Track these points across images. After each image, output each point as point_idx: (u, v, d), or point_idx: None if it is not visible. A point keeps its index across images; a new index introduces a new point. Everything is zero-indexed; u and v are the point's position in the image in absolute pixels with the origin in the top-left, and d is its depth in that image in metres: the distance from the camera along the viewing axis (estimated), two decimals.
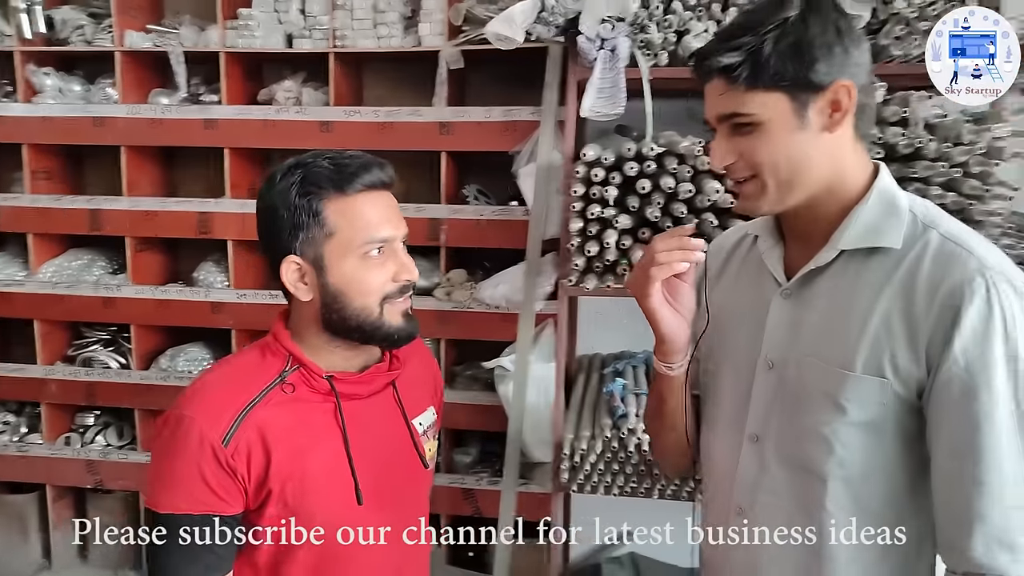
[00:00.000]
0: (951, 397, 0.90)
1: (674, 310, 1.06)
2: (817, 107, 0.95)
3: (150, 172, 2.96)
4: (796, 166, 0.96)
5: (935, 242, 0.95)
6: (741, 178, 1.00)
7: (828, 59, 0.93)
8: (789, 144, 0.95)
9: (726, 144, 0.99)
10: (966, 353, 0.89)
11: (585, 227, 2.16)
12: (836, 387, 0.96)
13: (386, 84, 2.98)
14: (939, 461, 0.93)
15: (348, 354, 1.12)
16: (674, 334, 1.07)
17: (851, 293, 0.98)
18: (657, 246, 1.02)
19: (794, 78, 0.92)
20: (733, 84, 0.94)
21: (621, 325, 2.95)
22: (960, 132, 1.93)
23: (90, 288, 2.85)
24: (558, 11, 2.17)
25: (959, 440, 0.90)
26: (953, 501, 0.92)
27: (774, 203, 1.00)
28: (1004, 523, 0.89)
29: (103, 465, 2.93)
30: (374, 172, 1.06)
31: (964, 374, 0.89)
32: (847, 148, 0.99)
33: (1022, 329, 0.89)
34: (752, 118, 0.95)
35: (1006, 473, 0.88)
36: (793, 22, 0.92)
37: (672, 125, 2.48)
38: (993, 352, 0.89)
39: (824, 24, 0.93)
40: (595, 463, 2.24)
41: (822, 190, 0.99)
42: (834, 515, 0.99)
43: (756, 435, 1.06)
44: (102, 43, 2.79)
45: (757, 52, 0.92)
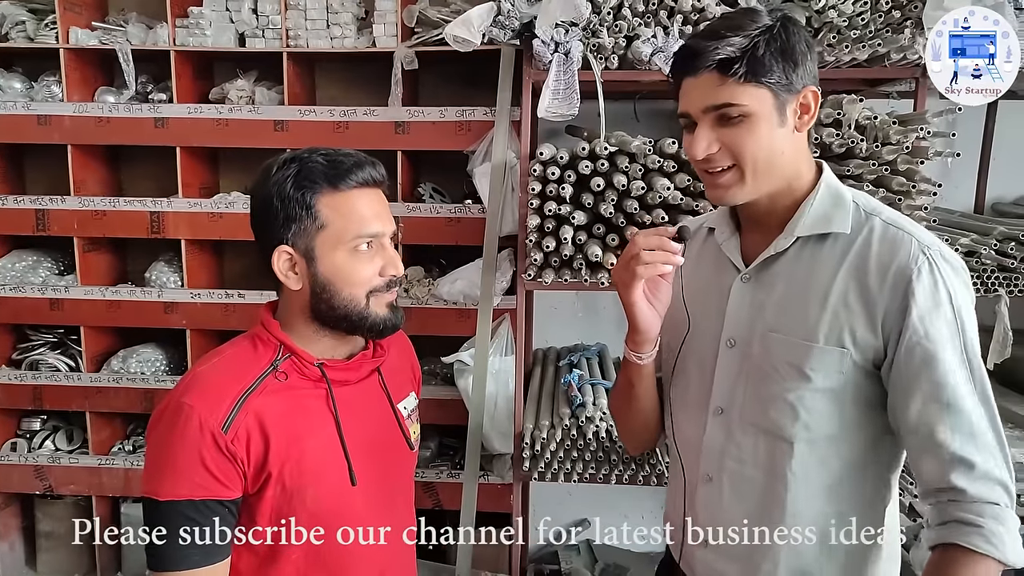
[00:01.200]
0: (914, 362, 1.02)
1: (651, 305, 1.15)
2: (792, 108, 1.06)
3: (97, 171, 2.91)
4: (772, 158, 1.07)
5: (879, 227, 1.08)
6: (719, 168, 1.09)
7: (804, 66, 1.05)
8: (770, 138, 1.06)
9: (710, 134, 1.07)
10: (923, 322, 1.02)
11: (542, 223, 2.24)
12: (802, 358, 1.07)
13: (339, 84, 3.00)
14: (911, 417, 1.04)
15: (335, 343, 1.17)
16: (648, 326, 1.16)
17: (809, 274, 1.09)
18: (640, 243, 1.11)
19: (779, 78, 1.03)
20: (730, 76, 1.03)
21: (576, 319, 3.06)
22: (888, 133, 2.08)
23: (36, 290, 2.79)
24: (514, 15, 2.24)
25: (928, 397, 1.02)
26: (928, 446, 1.03)
27: (749, 192, 1.10)
28: (968, 450, 1.01)
29: (53, 470, 2.87)
30: (367, 170, 1.11)
31: (924, 341, 1.02)
32: (804, 147, 1.12)
33: (959, 296, 1.03)
34: (743, 109, 1.04)
35: (968, 414, 1.01)
36: (778, 29, 1.04)
37: (620, 125, 2.59)
38: (943, 319, 1.02)
39: (800, 36, 1.06)
40: (555, 451, 2.32)
41: (784, 184, 1.10)
42: (799, 476, 1.10)
43: (721, 408, 1.17)
44: (45, 40, 2.73)
45: (752, 50, 1.02)
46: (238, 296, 2.76)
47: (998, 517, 1.00)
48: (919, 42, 2.09)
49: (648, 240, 1.11)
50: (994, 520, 0.99)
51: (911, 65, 2.18)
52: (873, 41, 2.12)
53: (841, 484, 1.11)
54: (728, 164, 1.08)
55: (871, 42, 2.12)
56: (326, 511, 1.12)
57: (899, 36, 2.09)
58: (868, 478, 1.12)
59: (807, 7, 2.16)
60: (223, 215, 2.72)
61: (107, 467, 2.86)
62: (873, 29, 2.15)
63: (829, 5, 2.13)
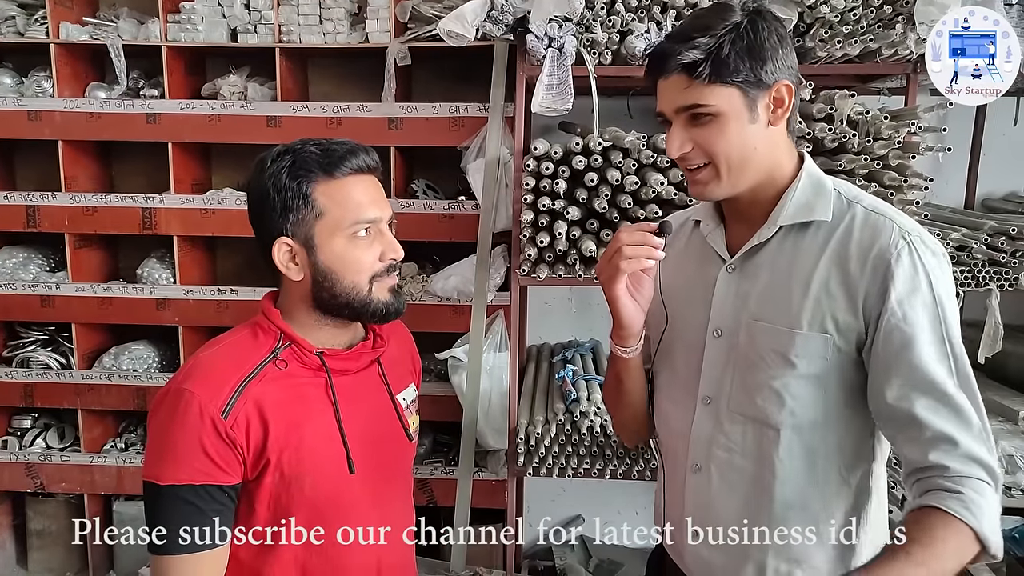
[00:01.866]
0: (893, 344, 1.03)
1: (634, 299, 1.17)
2: (763, 103, 1.07)
3: (88, 167, 2.89)
4: (746, 154, 1.08)
5: (860, 214, 1.09)
6: (695, 165, 1.11)
7: (774, 61, 1.05)
8: (741, 135, 1.07)
9: (683, 134, 1.09)
10: (901, 305, 1.02)
11: (536, 219, 2.25)
12: (786, 345, 1.08)
13: (332, 80, 2.99)
14: (890, 400, 1.04)
15: (336, 331, 1.18)
16: (632, 320, 1.18)
17: (792, 262, 1.11)
18: (623, 239, 1.12)
19: (747, 76, 1.04)
20: (695, 79, 1.04)
21: (569, 315, 3.06)
22: (879, 128, 2.10)
23: (27, 287, 2.78)
24: (507, 10, 2.24)
25: (906, 379, 1.02)
26: (908, 427, 1.03)
27: (726, 188, 1.11)
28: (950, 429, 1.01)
29: (44, 468, 2.85)
30: (360, 157, 1.12)
31: (903, 324, 1.02)
32: (782, 140, 1.13)
33: (939, 280, 1.04)
34: (711, 109, 1.05)
35: (949, 396, 1.01)
36: (745, 27, 1.04)
37: (614, 121, 2.59)
38: (923, 302, 1.02)
39: (769, 30, 1.06)
40: (549, 446, 2.33)
41: (764, 177, 1.11)
42: (786, 463, 1.11)
43: (709, 397, 1.17)
44: (35, 35, 2.71)
45: (717, 51, 1.03)
46: (231, 293, 2.75)
47: (979, 490, 0.99)
48: (910, 38, 2.10)
49: (631, 235, 1.12)
50: (975, 492, 0.98)
51: (902, 61, 2.20)
52: (865, 37, 2.13)
53: (828, 471, 1.11)
54: (703, 162, 1.10)
55: (863, 37, 2.13)
56: (324, 499, 1.12)
57: (890, 32, 2.10)
58: (855, 466, 1.12)
59: (800, 2, 2.17)
60: (215, 211, 2.71)
61: (99, 465, 2.84)
62: (864, 25, 2.16)
63: (821, 1, 2.14)
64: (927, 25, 2.07)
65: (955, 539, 0.97)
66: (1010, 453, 2.32)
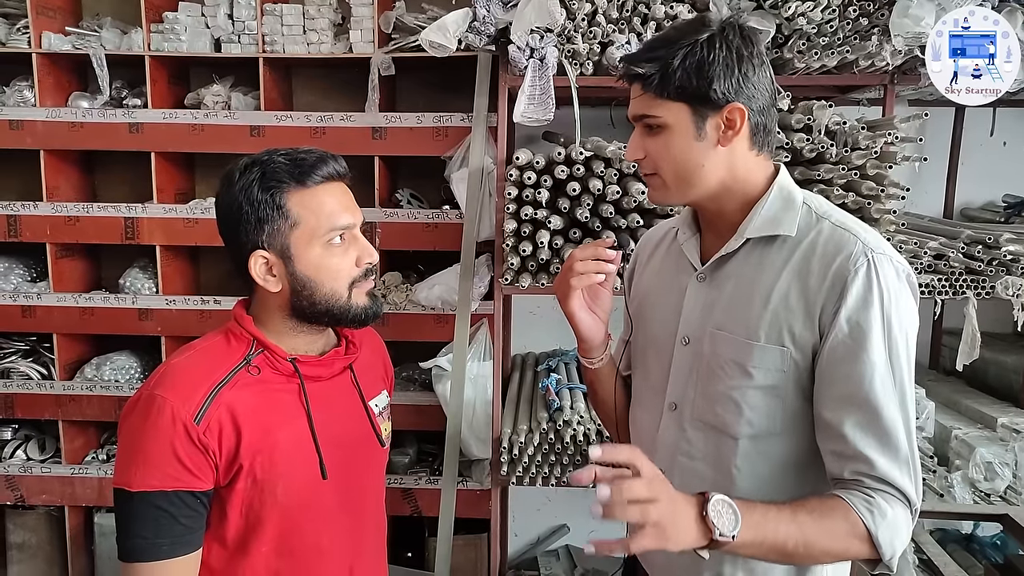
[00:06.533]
0: (836, 358, 1.04)
1: (592, 313, 1.22)
2: (713, 123, 1.07)
3: (70, 177, 2.88)
4: (690, 170, 1.09)
5: (827, 229, 1.09)
6: (648, 172, 1.14)
7: (726, 82, 1.04)
8: (686, 150, 1.08)
9: (638, 141, 1.12)
10: (849, 321, 1.03)
11: (519, 228, 2.26)
12: (744, 356, 1.09)
13: (316, 90, 3.00)
14: (825, 413, 1.05)
15: (311, 338, 1.19)
16: (591, 334, 1.23)
17: (755, 275, 1.12)
18: (575, 255, 1.17)
19: (694, 94, 1.05)
20: (647, 90, 1.07)
21: (553, 324, 3.07)
22: (857, 138, 2.12)
23: (8, 297, 2.76)
24: (489, 21, 2.26)
25: (842, 394, 1.03)
26: (833, 440, 1.04)
27: (676, 197, 1.14)
28: (871, 451, 1.01)
29: (24, 480, 2.82)
30: (330, 164, 1.12)
31: (848, 340, 1.03)
32: (741, 157, 1.11)
33: (895, 301, 1.03)
34: (658, 120, 1.07)
35: (881, 416, 1.01)
36: (701, 44, 1.04)
37: (596, 131, 2.61)
38: (871, 319, 1.02)
39: (728, 50, 1.04)
40: (533, 455, 2.33)
41: (720, 190, 1.12)
42: (743, 471, 1.12)
43: (675, 403, 1.19)
44: (17, 44, 2.70)
45: (667, 65, 1.04)
46: (214, 302, 2.74)
47: (890, 502, 1.00)
48: (886, 49, 2.13)
49: (583, 251, 1.17)
50: (885, 502, 1.00)
51: (879, 72, 2.23)
52: (841, 48, 2.16)
53: (785, 481, 1.12)
54: (651, 171, 1.12)
55: (839, 49, 2.16)
56: (297, 504, 1.12)
57: (867, 43, 2.13)
58: (810, 477, 1.12)
59: (777, 15, 2.20)
60: (199, 221, 2.70)
61: (80, 476, 2.82)
62: (841, 36, 2.19)
63: (798, 12, 2.17)
64: (902, 37, 2.10)
65: (844, 527, 0.98)
66: (988, 460, 2.34)
